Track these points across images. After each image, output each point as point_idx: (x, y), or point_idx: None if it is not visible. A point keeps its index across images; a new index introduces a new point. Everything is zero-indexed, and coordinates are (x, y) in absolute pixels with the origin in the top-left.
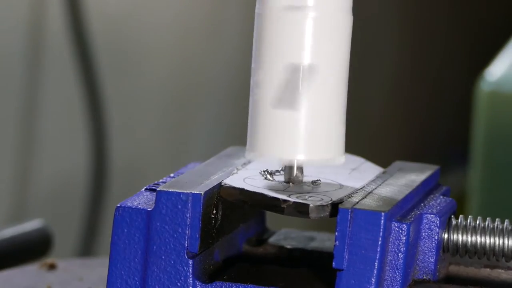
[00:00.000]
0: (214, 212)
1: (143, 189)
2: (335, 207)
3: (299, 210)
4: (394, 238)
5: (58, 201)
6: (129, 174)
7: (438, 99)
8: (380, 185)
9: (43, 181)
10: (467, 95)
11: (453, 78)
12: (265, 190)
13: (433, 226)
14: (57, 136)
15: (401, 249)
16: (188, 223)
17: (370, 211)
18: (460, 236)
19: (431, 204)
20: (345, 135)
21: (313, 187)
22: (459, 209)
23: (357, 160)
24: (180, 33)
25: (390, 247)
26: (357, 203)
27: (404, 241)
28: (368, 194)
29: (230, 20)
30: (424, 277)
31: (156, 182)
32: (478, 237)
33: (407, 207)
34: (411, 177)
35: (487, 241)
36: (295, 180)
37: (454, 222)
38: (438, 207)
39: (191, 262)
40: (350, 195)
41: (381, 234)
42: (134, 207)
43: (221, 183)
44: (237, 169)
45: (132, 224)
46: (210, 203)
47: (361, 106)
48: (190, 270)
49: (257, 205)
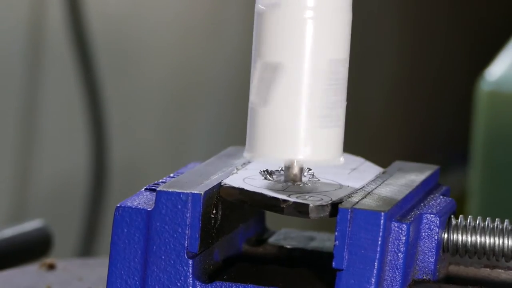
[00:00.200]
0: (214, 212)
1: (143, 189)
2: (335, 207)
3: (299, 210)
4: (394, 238)
5: (58, 201)
6: (129, 174)
7: (438, 99)
8: (380, 185)
9: (43, 181)
10: (467, 95)
11: (453, 78)
12: (265, 190)
13: (433, 226)
14: (57, 136)
15: (401, 249)
16: (188, 223)
17: (370, 211)
18: (460, 236)
19: (431, 204)
20: (344, 135)
21: (313, 187)
22: (459, 209)
23: (357, 160)
24: (180, 33)
25: (390, 247)
26: (357, 203)
27: (404, 241)
28: (368, 194)
29: (230, 20)
30: (424, 277)
31: (156, 182)
32: (478, 237)
33: (407, 207)
34: (411, 177)
35: (487, 241)
36: (294, 180)
37: (454, 222)
38: (438, 207)
39: (191, 262)
40: (350, 195)
41: (381, 234)
42: (134, 207)
43: (221, 183)
44: (237, 169)
45: (132, 224)
46: (210, 203)
47: (361, 106)
48: (190, 270)
49: (257, 205)
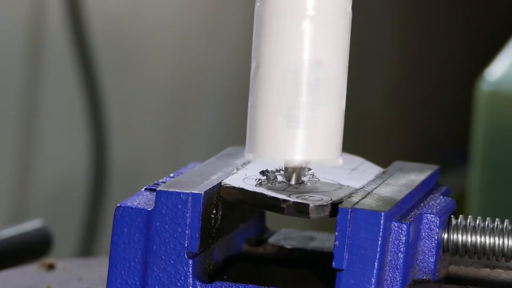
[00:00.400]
0: (214, 212)
1: (143, 189)
2: (335, 207)
3: (299, 210)
4: (394, 238)
5: (58, 201)
6: (129, 174)
7: (438, 99)
8: (380, 185)
9: (43, 181)
10: (467, 95)
11: (453, 78)
12: (265, 190)
13: (433, 226)
14: (57, 136)
15: (401, 249)
16: (188, 223)
17: (370, 211)
18: (460, 236)
19: (431, 204)
20: (344, 135)
21: (313, 187)
22: (459, 209)
23: (357, 160)
24: (180, 33)
25: (390, 247)
26: (357, 203)
27: (404, 241)
28: (368, 194)
29: (230, 20)
30: (424, 277)
31: (156, 182)
32: (478, 237)
33: (407, 207)
34: (411, 177)
35: (487, 241)
36: (294, 180)
37: (454, 222)
38: (438, 207)
39: (191, 262)
40: (350, 195)
41: (381, 234)
42: (134, 207)
43: (221, 183)
44: (236, 169)
45: (132, 224)
46: (210, 203)
47: (361, 106)
48: (190, 270)
49: (257, 205)
